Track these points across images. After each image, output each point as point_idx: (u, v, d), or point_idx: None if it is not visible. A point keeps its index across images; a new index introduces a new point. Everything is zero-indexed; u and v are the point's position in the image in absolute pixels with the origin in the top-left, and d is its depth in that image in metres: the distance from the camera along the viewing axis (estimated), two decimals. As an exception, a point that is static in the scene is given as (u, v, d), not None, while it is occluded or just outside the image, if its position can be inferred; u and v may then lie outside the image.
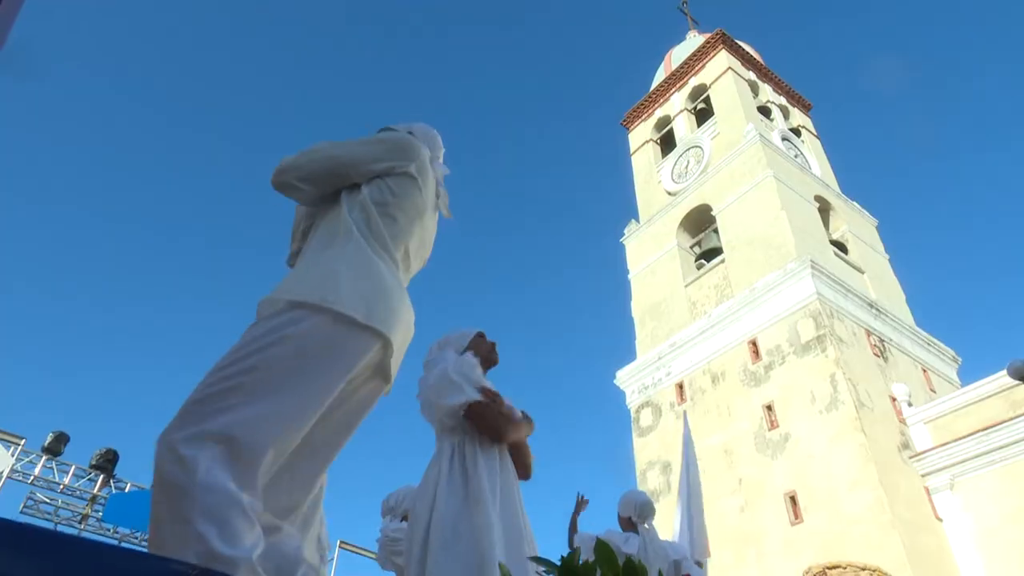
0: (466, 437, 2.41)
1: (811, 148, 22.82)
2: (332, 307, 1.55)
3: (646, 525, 4.17)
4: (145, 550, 1.27)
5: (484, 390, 2.47)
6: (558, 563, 1.33)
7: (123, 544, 10.98)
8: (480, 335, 2.72)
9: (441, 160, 2.24)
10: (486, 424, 2.41)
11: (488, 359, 2.69)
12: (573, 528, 4.16)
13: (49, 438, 12.34)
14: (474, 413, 2.39)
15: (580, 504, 4.23)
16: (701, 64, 23.99)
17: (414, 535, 2.25)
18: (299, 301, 1.57)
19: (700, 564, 4.71)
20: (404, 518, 3.68)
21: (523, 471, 2.52)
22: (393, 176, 1.89)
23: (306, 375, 1.50)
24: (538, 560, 1.44)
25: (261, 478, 1.41)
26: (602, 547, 1.31)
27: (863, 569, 6.75)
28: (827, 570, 6.59)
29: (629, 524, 4.20)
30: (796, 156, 21.29)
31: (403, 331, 1.74)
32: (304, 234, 1.98)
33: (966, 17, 64.47)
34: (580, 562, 1.31)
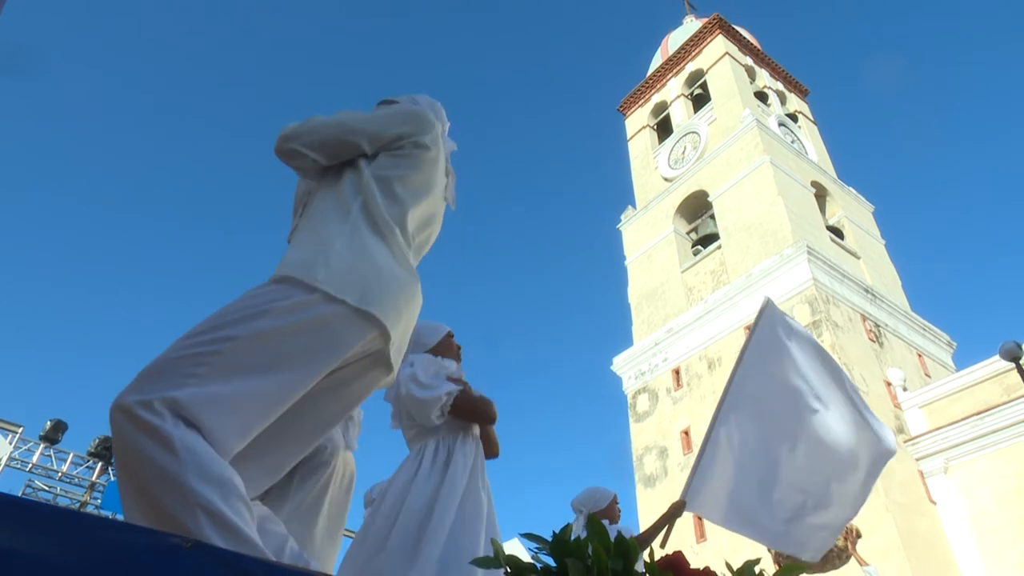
0: (448, 433, 2.38)
1: (808, 134, 22.77)
2: (321, 286, 1.41)
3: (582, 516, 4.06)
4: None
5: (456, 380, 2.44)
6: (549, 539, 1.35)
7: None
8: (450, 335, 2.70)
9: (446, 134, 2.03)
10: (475, 410, 2.41)
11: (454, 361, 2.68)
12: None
13: (47, 426, 12.35)
14: (460, 403, 2.37)
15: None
16: (698, 49, 23.87)
17: (379, 527, 2.17)
18: (287, 276, 1.44)
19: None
20: None
21: (493, 449, 2.53)
22: (405, 148, 1.72)
23: (287, 356, 1.36)
24: (531, 537, 1.45)
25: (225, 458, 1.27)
26: (594, 522, 1.32)
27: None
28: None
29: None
30: (793, 142, 21.24)
31: (405, 318, 1.60)
32: (305, 210, 1.78)
33: (964, 5, 64.22)
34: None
